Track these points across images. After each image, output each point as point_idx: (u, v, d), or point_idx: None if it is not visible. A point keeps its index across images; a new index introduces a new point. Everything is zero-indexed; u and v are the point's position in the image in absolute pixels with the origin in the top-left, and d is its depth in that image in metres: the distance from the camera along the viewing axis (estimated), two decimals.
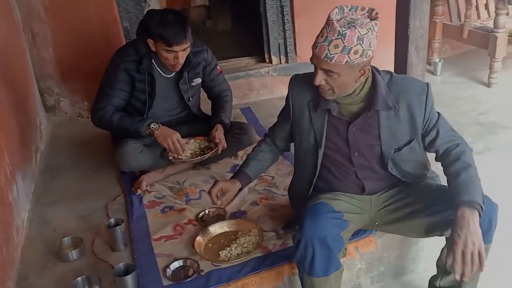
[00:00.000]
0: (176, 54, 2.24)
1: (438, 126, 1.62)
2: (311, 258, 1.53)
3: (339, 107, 1.63)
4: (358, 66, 1.47)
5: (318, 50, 1.46)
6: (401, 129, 1.62)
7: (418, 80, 1.65)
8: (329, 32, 1.43)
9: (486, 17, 3.97)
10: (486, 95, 3.40)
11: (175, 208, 2.21)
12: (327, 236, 1.53)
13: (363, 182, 1.72)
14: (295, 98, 1.72)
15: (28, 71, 3.11)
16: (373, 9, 1.49)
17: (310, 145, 1.72)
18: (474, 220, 1.40)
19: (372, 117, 1.61)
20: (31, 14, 3.10)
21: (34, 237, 2.11)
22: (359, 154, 1.67)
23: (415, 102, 1.59)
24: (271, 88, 3.68)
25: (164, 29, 2.17)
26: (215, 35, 5.43)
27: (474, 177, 1.51)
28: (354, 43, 1.42)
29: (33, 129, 2.83)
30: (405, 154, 1.66)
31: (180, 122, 2.59)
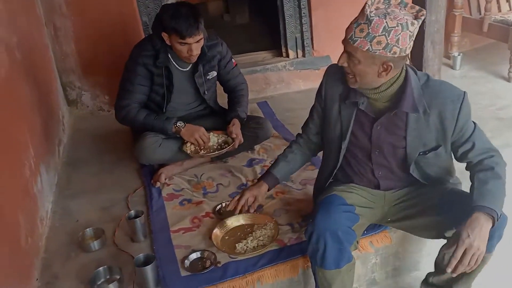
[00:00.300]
0: (190, 47, 2.28)
1: (474, 138, 1.59)
2: (323, 251, 1.56)
3: (367, 102, 1.62)
4: (379, 59, 1.45)
5: (347, 30, 1.48)
6: (429, 134, 1.60)
7: (455, 88, 1.60)
8: (360, 15, 1.45)
9: (507, 10, 3.90)
10: (506, 89, 3.35)
11: (193, 201, 2.26)
12: (338, 229, 1.56)
13: (379, 181, 1.74)
14: (328, 87, 1.72)
15: (51, 66, 3.19)
16: (422, 10, 1.47)
17: (335, 136, 1.73)
18: (486, 227, 1.41)
19: (400, 118, 1.60)
20: (53, 9, 3.17)
21: (58, 227, 2.19)
22: (380, 153, 1.68)
23: (448, 109, 1.56)
24: (287, 82, 3.69)
25: (177, 22, 2.21)
26: (233, 28, 5.44)
27: (501, 189, 1.50)
28: (379, 33, 1.40)
29: (56, 123, 2.90)
30: (430, 159, 1.65)
31: (198, 116, 2.64)
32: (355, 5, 3.67)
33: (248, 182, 2.39)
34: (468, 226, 1.41)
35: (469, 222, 1.42)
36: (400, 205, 1.74)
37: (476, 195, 1.49)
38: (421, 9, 1.47)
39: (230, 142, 2.44)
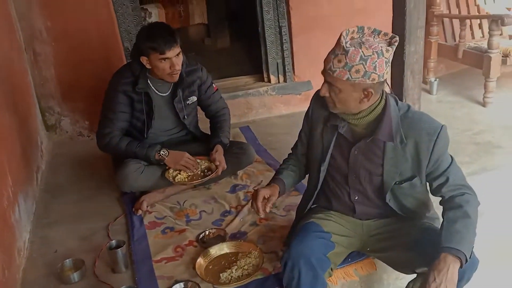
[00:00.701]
0: (171, 61, 2.29)
1: (448, 173, 1.60)
2: (297, 279, 1.57)
3: (348, 127, 1.65)
4: (359, 86, 1.48)
5: (326, 61, 1.52)
6: (405, 163, 1.62)
7: (433, 121, 1.61)
8: (336, 46, 1.49)
9: (480, 37, 4.05)
10: (482, 114, 3.45)
11: (176, 229, 2.23)
12: (312, 255, 1.58)
13: (355, 205, 1.75)
14: (315, 110, 1.76)
15: (30, 91, 3.15)
16: (395, 36, 1.52)
17: (317, 157, 1.75)
18: (454, 268, 1.40)
19: (377, 145, 1.62)
20: (33, 35, 3.15)
21: (36, 258, 2.12)
22: (356, 178, 1.70)
23: (423, 142, 1.57)
24: (269, 107, 3.73)
25: (154, 39, 2.24)
26: (214, 53, 5.49)
27: (470, 229, 1.50)
28: (356, 62, 1.44)
29: (34, 149, 2.85)
30: (405, 189, 1.66)
31: (179, 142, 2.63)
32: (335, 33, 3.76)
33: (232, 208, 2.38)
34: (435, 269, 1.41)
35: (436, 264, 1.41)
36: (378, 237, 1.76)
37: (444, 236, 1.48)
38: (394, 36, 1.52)
39: (213, 168, 2.43)
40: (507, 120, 3.28)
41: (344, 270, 1.86)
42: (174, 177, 2.40)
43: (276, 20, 3.59)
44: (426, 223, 1.72)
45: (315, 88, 3.71)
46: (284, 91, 3.72)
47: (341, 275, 1.86)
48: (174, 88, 2.48)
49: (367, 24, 3.67)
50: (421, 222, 1.72)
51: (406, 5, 1.92)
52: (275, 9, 3.55)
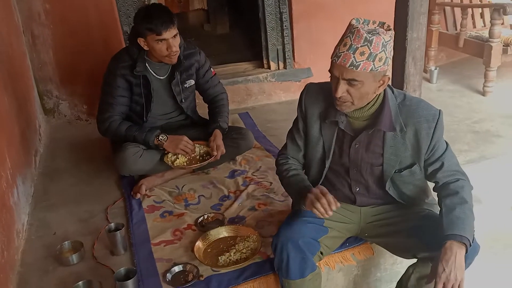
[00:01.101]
0: (168, 43, 2.27)
1: (443, 158, 1.61)
2: (286, 261, 1.59)
3: (346, 121, 1.64)
4: (379, 75, 1.48)
5: (342, 59, 1.45)
6: (405, 152, 1.62)
7: (431, 107, 1.62)
8: (353, 39, 1.43)
9: (481, 26, 4.03)
10: (481, 103, 3.45)
11: (174, 212, 2.24)
12: (299, 238, 1.59)
13: (356, 196, 1.76)
14: (308, 107, 1.71)
15: (28, 74, 3.13)
16: (384, 23, 1.51)
17: (318, 154, 1.73)
18: (461, 255, 1.42)
19: (377, 136, 1.62)
20: (32, 17, 3.12)
21: (34, 240, 2.13)
22: (357, 171, 1.70)
23: (423, 129, 1.58)
24: (269, 94, 3.72)
25: (150, 20, 2.22)
26: (213, 38, 5.46)
27: (469, 214, 1.51)
28: (379, 50, 1.42)
29: (33, 132, 2.84)
30: (405, 177, 1.67)
31: (178, 126, 2.63)
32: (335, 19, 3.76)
33: (230, 193, 2.38)
34: (443, 258, 1.42)
35: (443, 253, 1.43)
36: (376, 223, 1.76)
37: (445, 223, 1.49)
38: (383, 22, 1.52)
39: (212, 153, 2.43)
40: (506, 109, 3.28)
41: (341, 255, 1.87)
42: (173, 162, 2.40)
43: (277, 6, 3.56)
44: (426, 210, 1.72)
45: (315, 75, 3.71)
46: (284, 78, 3.71)
47: (339, 259, 1.86)
48: (172, 71, 2.47)
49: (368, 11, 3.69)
50: (420, 208, 1.73)
51: None
52: None
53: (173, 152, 2.41)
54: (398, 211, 1.74)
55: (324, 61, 3.91)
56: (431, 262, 1.50)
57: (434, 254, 1.48)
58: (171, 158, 2.41)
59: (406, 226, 1.67)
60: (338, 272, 1.90)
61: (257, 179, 2.49)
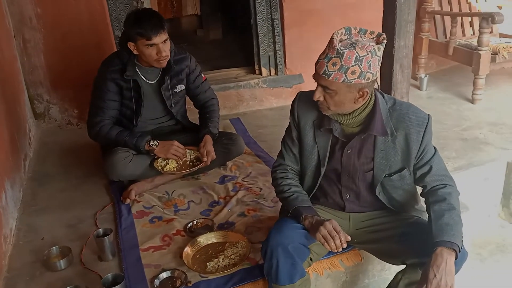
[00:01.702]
0: (158, 48, 2.27)
1: (432, 162, 1.64)
2: (276, 267, 1.58)
3: (340, 128, 1.65)
4: (356, 87, 1.49)
5: (318, 66, 1.50)
6: (395, 156, 1.64)
7: (420, 111, 1.64)
8: (329, 49, 1.47)
9: (471, 35, 4.08)
10: (470, 111, 3.48)
11: (164, 218, 2.23)
12: (289, 244, 1.59)
13: (345, 203, 1.77)
14: (301, 116, 1.72)
15: (19, 78, 3.12)
16: (382, 34, 1.52)
17: (313, 162, 1.74)
18: (451, 261, 1.43)
19: (369, 141, 1.64)
20: (23, 21, 3.12)
21: (22, 245, 2.11)
22: (349, 177, 1.71)
23: (413, 133, 1.60)
24: (260, 99, 3.73)
25: (140, 24, 2.23)
26: (206, 44, 5.48)
27: (457, 220, 1.53)
28: (352, 63, 1.44)
29: (22, 136, 2.83)
30: (395, 181, 1.69)
31: (168, 131, 2.63)
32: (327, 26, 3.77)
33: (220, 199, 2.39)
34: (433, 264, 1.43)
35: (433, 259, 1.44)
36: (365, 229, 1.77)
37: (435, 230, 1.51)
38: (381, 34, 1.53)
39: (202, 159, 2.43)
40: (494, 117, 3.31)
41: (330, 261, 1.88)
42: (163, 167, 2.40)
43: (268, 12, 3.58)
44: (414, 216, 1.74)
45: (306, 81, 3.73)
46: (275, 84, 3.73)
47: (327, 265, 1.87)
48: (162, 76, 2.48)
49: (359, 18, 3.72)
50: (409, 215, 1.75)
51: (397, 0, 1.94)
52: (268, 1, 3.55)
53: (164, 158, 2.41)
54: (387, 218, 1.75)
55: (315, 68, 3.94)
56: (420, 269, 1.51)
57: (423, 260, 1.49)
58: (161, 164, 2.41)
59: (395, 232, 1.68)
60: (327, 278, 1.90)
61: (247, 185, 2.49)
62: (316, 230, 1.55)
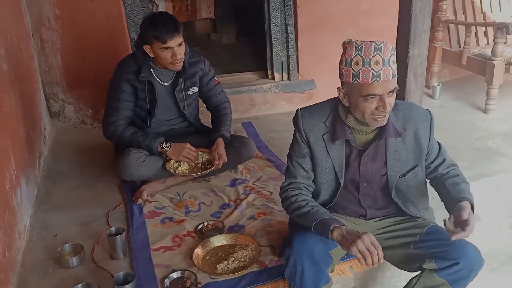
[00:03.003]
0: (173, 51, 2.32)
1: (443, 154, 1.73)
2: (301, 273, 1.58)
3: (354, 137, 1.66)
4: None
5: (384, 75, 1.47)
6: (406, 155, 1.68)
7: (421, 108, 1.72)
8: (383, 53, 1.47)
9: (485, 44, 4.06)
10: (483, 121, 3.46)
11: (175, 219, 2.26)
12: (314, 251, 1.59)
13: (366, 210, 1.78)
14: (308, 133, 1.70)
15: (36, 77, 3.17)
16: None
17: (329, 176, 1.72)
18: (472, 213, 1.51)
19: (382, 145, 1.66)
20: (41, 21, 3.17)
21: (35, 242, 2.15)
22: (368, 184, 1.72)
23: (421, 129, 1.67)
24: (272, 104, 3.75)
25: (156, 28, 2.27)
26: (219, 48, 5.51)
27: (469, 190, 1.66)
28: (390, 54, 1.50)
29: (37, 134, 2.87)
30: (409, 180, 1.71)
31: (181, 133, 2.66)
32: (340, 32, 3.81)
33: (231, 202, 2.40)
34: (466, 209, 1.48)
35: (462, 206, 1.50)
36: (381, 235, 1.77)
37: (454, 193, 1.61)
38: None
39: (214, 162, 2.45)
40: (507, 127, 3.29)
41: (339, 267, 1.88)
42: (175, 169, 2.42)
43: (282, 18, 3.60)
44: (431, 223, 1.75)
45: (318, 87, 3.74)
46: (288, 89, 3.74)
47: (336, 271, 1.87)
48: (176, 78, 2.52)
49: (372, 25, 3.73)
50: (425, 222, 1.75)
51: (412, 8, 1.94)
52: (282, 7, 3.57)
53: (176, 159, 2.44)
54: (403, 224, 1.76)
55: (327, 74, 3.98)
56: (437, 273, 1.54)
57: (441, 264, 1.54)
58: (173, 165, 2.44)
59: (412, 238, 1.69)
60: (335, 284, 1.90)
61: (257, 189, 2.51)
62: (351, 243, 1.47)
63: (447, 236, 1.52)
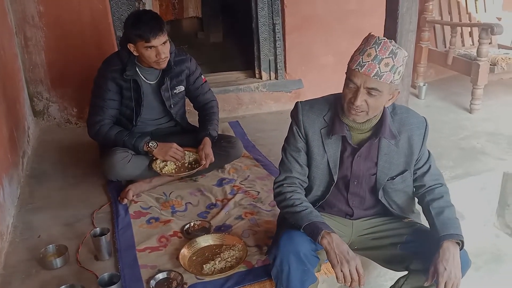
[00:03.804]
0: (157, 50, 2.29)
1: (430, 162, 1.72)
2: (287, 273, 1.58)
3: (350, 134, 1.66)
4: (393, 88, 1.53)
5: (367, 68, 1.47)
6: (397, 159, 1.68)
7: (417, 114, 1.71)
8: (379, 50, 1.46)
9: (470, 45, 4.11)
10: (468, 120, 3.50)
11: (161, 219, 2.24)
12: (300, 251, 1.58)
13: (353, 210, 1.78)
14: (307, 126, 1.69)
15: (19, 75, 3.12)
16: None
17: (323, 171, 1.72)
18: (457, 254, 1.50)
19: (375, 145, 1.66)
20: (25, 19, 3.12)
21: (18, 243, 2.11)
22: (358, 183, 1.72)
23: (415, 135, 1.67)
24: (259, 103, 3.74)
25: (139, 27, 2.24)
26: (207, 47, 5.49)
27: (455, 215, 1.62)
28: (400, 63, 1.48)
29: (21, 134, 2.83)
30: (397, 184, 1.71)
31: (168, 132, 2.63)
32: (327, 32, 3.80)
33: (218, 201, 2.39)
34: (443, 258, 1.48)
35: (442, 254, 1.49)
36: (368, 236, 1.78)
37: (438, 225, 1.58)
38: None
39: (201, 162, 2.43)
40: (492, 127, 3.33)
41: (326, 266, 1.88)
42: (161, 168, 2.40)
43: (270, 17, 3.60)
44: (417, 224, 1.76)
45: (306, 86, 3.74)
46: (275, 88, 3.74)
47: (323, 270, 1.87)
48: (162, 77, 2.49)
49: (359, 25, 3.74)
50: (412, 222, 1.76)
51: (399, 8, 1.95)
52: (270, 6, 3.56)
53: (162, 159, 2.41)
54: (390, 225, 1.77)
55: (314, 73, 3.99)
56: (424, 274, 1.54)
57: (427, 265, 1.53)
58: (159, 165, 2.41)
59: (399, 239, 1.70)
60: (322, 283, 1.91)
61: (244, 188, 2.50)
62: (337, 263, 1.49)
63: (434, 237, 1.56)
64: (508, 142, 3.08)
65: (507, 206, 2.74)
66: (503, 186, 2.73)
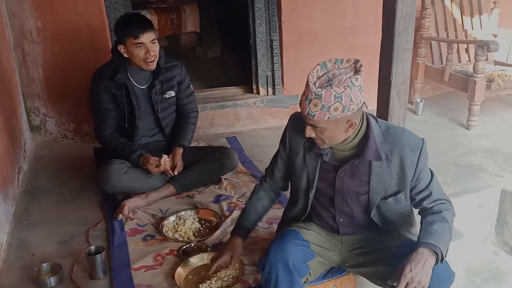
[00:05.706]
0: (146, 47, 2.34)
1: (431, 187, 1.66)
2: (275, 282, 1.58)
3: (331, 152, 1.66)
4: (342, 120, 1.51)
5: (302, 108, 1.52)
6: (390, 180, 1.65)
7: (414, 135, 1.66)
8: (308, 91, 1.49)
9: (466, 61, 4.13)
10: (465, 137, 3.50)
11: (157, 237, 2.22)
12: (289, 260, 1.59)
13: (339, 227, 1.77)
14: (292, 137, 1.74)
15: (17, 91, 3.12)
16: (358, 61, 1.51)
17: (302, 185, 1.75)
18: (430, 262, 1.47)
19: (363, 165, 1.64)
20: (23, 34, 3.13)
21: (12, 261, 2.09)
22: (343, 200, 1.71)
23: (408, 157, 1.61)
24: (257, 119, 3.74)
25: (128, 25, 2.32)
26: (205, 62, 5.51)
27: (446, 232, 1.58)
28: (332, 102, 1.45)
29: (17, 149, 2.81)
30: (390, 204, 1.69)
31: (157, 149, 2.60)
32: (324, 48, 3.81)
33: None
34: (412, 260, 1.47)
35: (413, 256, 1.48)
36: (357, 251, 1.77)
37: (422, 234, 1.57)
38: (357, 60, 1.52)
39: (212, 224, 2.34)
40: (489, 144, 3.33)
41: (323, 286, 1.86)
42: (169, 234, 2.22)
43: (267, 33, 3.62)
44: (406, 237, 1.74)
45: None
46: (273, 104, 3.74)
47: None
48: (152, 80, 2.52)
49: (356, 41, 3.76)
50: (400, 235, 1.74)
51: (395, 27, 1.96)
52: (267, 22, 3.58)
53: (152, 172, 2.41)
54: (377, 239, 1.75)
55: None
56: None
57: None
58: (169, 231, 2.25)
59: (386, 254, 1.67)
60: None
61: (241, 205, 2.48)
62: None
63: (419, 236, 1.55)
64: (505, 159, 3.08)
65: (506, 223, 2.73)
66: (501, 203, 2.72)
